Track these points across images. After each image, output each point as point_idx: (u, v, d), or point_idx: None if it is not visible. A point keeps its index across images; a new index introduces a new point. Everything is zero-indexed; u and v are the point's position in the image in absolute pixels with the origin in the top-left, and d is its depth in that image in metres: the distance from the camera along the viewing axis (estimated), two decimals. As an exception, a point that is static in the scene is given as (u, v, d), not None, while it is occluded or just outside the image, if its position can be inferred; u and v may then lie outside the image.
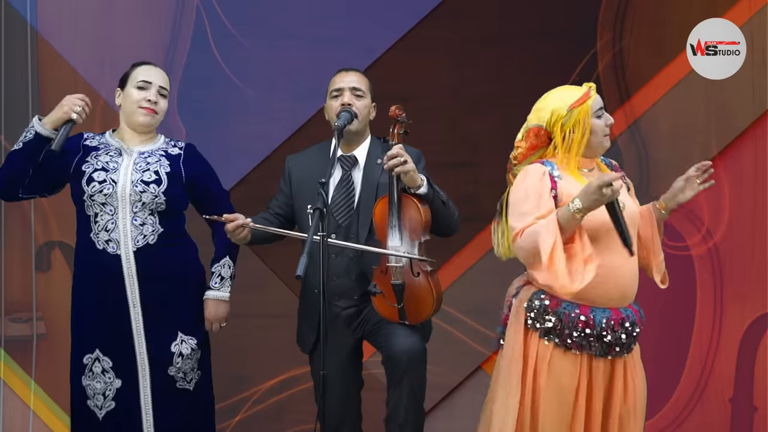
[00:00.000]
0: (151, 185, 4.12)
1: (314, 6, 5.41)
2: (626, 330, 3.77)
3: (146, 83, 4.19)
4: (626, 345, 3.78)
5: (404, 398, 4.08)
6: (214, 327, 4.27)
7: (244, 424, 5.40)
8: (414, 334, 4.12)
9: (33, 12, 5.33)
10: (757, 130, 5.36)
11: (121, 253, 4.09)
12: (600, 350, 3.76)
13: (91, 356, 4.13)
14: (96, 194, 4.09)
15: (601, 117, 3.82)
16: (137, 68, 4.24)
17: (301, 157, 4.41)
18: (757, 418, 5.36)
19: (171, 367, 4.13)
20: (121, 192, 4.09)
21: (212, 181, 4.31)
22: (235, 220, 4.09)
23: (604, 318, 3.74)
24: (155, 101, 4.19)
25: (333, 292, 4.17)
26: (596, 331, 3.74)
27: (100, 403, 4.12)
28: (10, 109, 5.33)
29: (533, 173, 3.79)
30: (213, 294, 4.26)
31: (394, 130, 4.18)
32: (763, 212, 5.34)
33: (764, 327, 5.37)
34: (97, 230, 4.10)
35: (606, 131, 3.83)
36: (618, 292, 3.76)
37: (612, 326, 3.74)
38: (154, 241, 4.12)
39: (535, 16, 5.40)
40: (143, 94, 4.17)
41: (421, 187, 4.10)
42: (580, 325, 3.73)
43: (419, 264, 4.10)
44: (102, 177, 4.11)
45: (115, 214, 4.10)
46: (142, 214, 4.11)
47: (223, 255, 4.29)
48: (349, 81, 4.29)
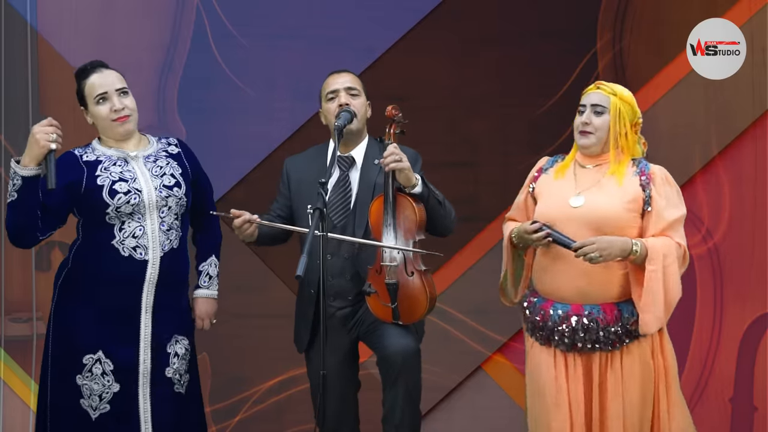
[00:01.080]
0: (173, 189, 4.09)
1: (314, 6, 5.41)
2: (584, 325, 3.81)
3: (103, 95, 4.06)
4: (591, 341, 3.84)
5: (399, 399, 4.08)
6: (205, 324, 4.25)
7: (244, 425, 5.40)
8: (408, 334, 4.12)
9: (33, 12, 5.33)
10: (757, 130, 5.36)
11: (149, 259, 4.05)
12: (564, 345, 3.87)
13: (93, 357, 4.06)
14: (123, 206, 4.03)
15: (581, 114, 3.91)
16: (87, 82, 4.10)
17: (299, 159, 4.41)
18: (757, 418, 5.36)
19: (168, 368, 4.11)
20: (148, 200, 4.04)
21: (202, 172, 4.30)
22: (242, 215, 4.09)
23: (561, 311, 3.88)
24: (121, 107, 4.07)
25: (328, 292, 4.16)
26: (552, 323, 3.87)
27: (95, 404, 4.07)
28: (10, 109, 5.32)
29: (536, 165, 4.08)
30: (203, 293, 4.24)
31: (390, 129, 4.19)
32: (763, 212, 5.34)
33: (764, 327, 5.36)
34: (123, 237, 4.04)
35: (580, 128, 3.95)
36: (573, 288, 3.87)
37: (565, 320, 3.82)
38: (177, 246, 4.11)
39: (535, 16, 5.40)
40: (107, 105, 4.06)
41: (416, 187, 4.10)
42: (540, 317, 3.91)
43: (414, 263, 4.10)
44: (125, 188, 4.04)
45: (143, 221, 4.05)
46: (169, 219, 4.08)
47: (209, 254, 4.28)
48: (343, 81, 4.29)
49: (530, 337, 3.98)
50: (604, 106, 3.92)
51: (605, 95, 3.94)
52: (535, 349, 3.95)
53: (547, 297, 3.94)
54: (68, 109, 5.22)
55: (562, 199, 3.92)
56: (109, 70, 4.12)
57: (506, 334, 5.37)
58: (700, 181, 5.40)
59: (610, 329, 3.85)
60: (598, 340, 3.85)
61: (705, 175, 5.40)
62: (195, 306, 4.23)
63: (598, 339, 3.85)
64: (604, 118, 3.92)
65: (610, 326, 3.86)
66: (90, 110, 4.10)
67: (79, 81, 4.13)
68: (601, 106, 3.92)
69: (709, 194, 5.40)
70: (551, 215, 3.90)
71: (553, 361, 3.89)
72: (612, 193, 3.89)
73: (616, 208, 3.88)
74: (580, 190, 3.91)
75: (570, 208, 3.88)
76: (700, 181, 5.40)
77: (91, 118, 4.13)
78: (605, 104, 3.92)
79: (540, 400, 3.90)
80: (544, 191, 3.99)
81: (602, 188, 3.90)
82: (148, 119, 4.23)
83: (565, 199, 3.90)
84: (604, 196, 3.89)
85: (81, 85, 4.11)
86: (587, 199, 3.88)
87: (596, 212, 3.87)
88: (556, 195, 3.94)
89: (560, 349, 3.89)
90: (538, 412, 3.91)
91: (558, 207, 3.90)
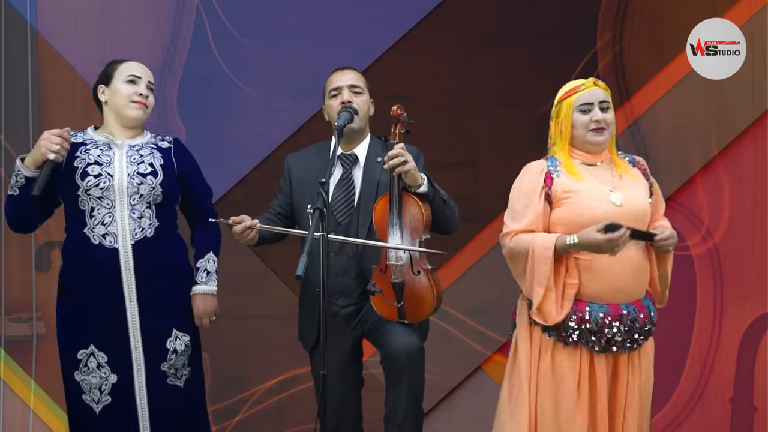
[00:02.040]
0: (147, 177, 4.10)
1: (314, 6, 5.41)
2: (626, 326, 3.77)
3: (136, 77, 4.18)
4: (628, 341, 3.79)
5: (402, 397, 4.08)
6: (204, 322, 4.25)
7: (244, 424, 5.40)
8: (412, 333, 4.12)
9: (33, 12, 5.33)
10: (757, 130, 5.36)
11: (119, 247, 4.07)
12: (600, 346, 3.77)
13: (86, 351, 4.10)
14: (92, 188, 4.06)
15: (588, 112, 3.88)
16: (123, 64, 4.22)
17: (300, 156, 4.41)
18: (757, 418, 5.36)
19: (164, 363, 4.13)
20: (118, 185, 4.08)
21: (198, 176, 4.31)
22: (242, 221, 4.09)
23: (602, 313, 3.77)
24: (146, 95, 4.18)
25: (332, 290, 4.17)
26: (593, 326, 3.76)
27: (96, 398, 4.11)
28: (10, 109, 5.32)
29: (531, 170, 3.92)
30: (201, 288, 4.24)
31: (395, 129, 4.19)
32: (763, 212, 5.34)
33: (764, 327, 5.37)
34: (93, 224, 4.07)
35: (591, 126, 3.89)
36: (609, 288, 3.79)
37: (609, 322, 3.76)
38: (152, 235, 4.11)
39: (535, 16, 5.40)
40: (134, 88, 4.16)
41: (421, 186, 4.10)
42: (576, 320, 3.77)
43: (420, 262, 4.10)
44: (96, 171, 4.08)
45: (113, 208, 4.08)
46: (140, 207, 4.10)
47: (207, 251, 4.28)
48: (346, 79, 4.30)
49: (547, 339, 3.82)
50: (608, 102, 3.92)
51: (604, 91, 3.92)
52: (556, 350, 3.81)
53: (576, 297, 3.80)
54: (68, 109, 5.24)
55: (602, 199, 3.81)
56: (146, 67, 4.25)
57: (506, 334, 5.36)
58: (700, 181, 5.40)
59: (644, 328, 3.83)
60: (635, 340, 3.81)
61: (705, 175, 5.40)
62: (193, 303, 4.23)
63: (634, 339, 3.80)
64: (611, 114, 3.91)
65: (645, 325, 3.83)
66: (112, 86, 4.18)
67: (111, 64, 4.22)
68: (607, 102, 3.91)
69: (709, 194, 5.40)
70: (599, 215, 3.75)
71: (578, 366, 3.78)
72: (635, 187, 3.88)
73: (646, 201, 3.89)
74: (610, 188, 3.84)
75: (615, 206, 3.79)
76: (700, 181, 5.40)
77: (106, 96, 4.19)
78: (608, 100, 3.92)
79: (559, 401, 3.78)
80: (570, 194, 3.83)
81: (627, 184, 3.87)
82: (149, 119, 4.24)
83: (605, 198, 3.80)
84: (634, 190, 3.87)
85: (113, 66, 4.21)
86: (625, 195, 3.82)
87: (638, 207, 3.84)
88: (593, 194, 3.82)
89: (594, 350, 3.79)
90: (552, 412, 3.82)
91: (604, 207, 3.78)
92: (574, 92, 3.91)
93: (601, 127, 3.88)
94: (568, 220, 3.80)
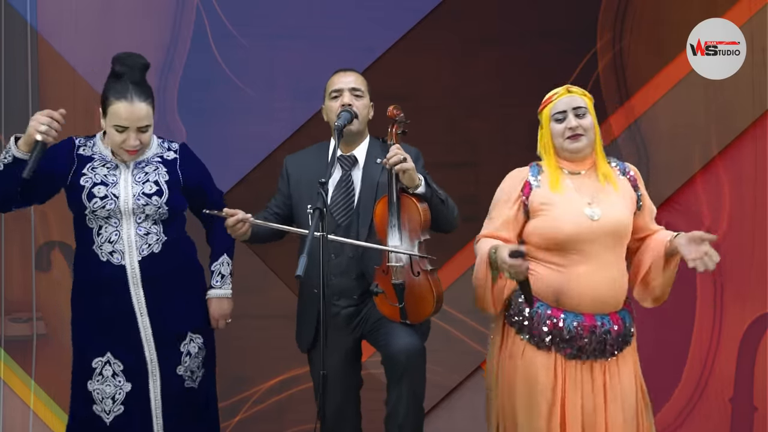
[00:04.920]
0: (153, 197, 4.08)
1: (314, 6, 5.41)
2: (597, 337, 3.79)
3: (121, 128, 4.00)
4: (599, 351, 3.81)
5: (403, 398, 4.08)
6: (220, 324, 4.27)
7: (244, 424, 5.40)
8: (413, 333, 4.12)
9: (33, 12, 5.33)
10: (757, 130, 5.36)
11: (125, 263, 4.06)
12: (570, 354, 3.81)
13: (102, 359, 4.08)
14: (98, 210, 4.04)
15: (562, 121, 3.88)
16: (113, 105, 3.99)
17: (299, 156, 4.41)
18: (757, 418, 5.36)
19: (180, 366, 4.13)
20: (124, 206, 4.05)
21: (208, 182, 4.30)
22: (235, 214, 4.09)
23: (575, 322, 3.80)
24: (135, 143, 4.03)
25: (332, 291, 4.17)
26: (566, 334, 3.79)
27: (108, 408, 4.08)
28: (10, 109, 5.32)
29: (512, 177, 3.97)
30: (216, 292, 4.26)
31: (392, 129, 4.19)
32: (763, 212, 5.34)
33: (764, 327, 5.37)
34: (101, 242, 4.06)
35: (566, 134, 3.88)
36: (588, 299, 3.80)
37: (581, 332, 3.78)
38: (159, 250, 4.10)
39: (535, 16, 5.40)
40: (122, 137, 4.01)
41: (419, 187, 4.10)
42: (549, 325, 3.80)
43: (419, 263, 4.10)
44: (103, 192, 4.05)
45: (119, 226, 4.06)
46: (146, 224, 4.09)
47: (221, 253, 4.29)
48: (348, 81, 4.30)
49: (520, 340, 3.85)
50: (585, 107, 3.89)
51: (579, 97, 3.90)
52: (528, 352, 3.83)
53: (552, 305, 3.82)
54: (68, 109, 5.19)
55: (577, 213, 3.80)
56: (140, 103, 4.00)
57: (506, 334, 5.37)
58: (700, 181, 5.40)
59: (618, 339, 3.84)
60: (606, 350, 3.82)
61: (705, 175, 5.40)
62: (209, 306, 4.25)
63: (605, 350, 3.81)
64: (588, 119, 3.88)
65: (618, 336, 3.84)
66: (105, 122, 4.06)
67: (107, 95, 4.03)
68: (583, 108, 3.88)
69: (709, 194, 5.40)
70: (569, 230, 3.77)
71: (552, 366, 3.80)
72: (617, 200, 3.86)
73: (627, 214, 3.87)
74: (589, 201, 3.84)
75: (590, 221, 3.78)
76: (700, 181, 5.40)
77: (103, 125, 4.09)
78: (584, 105, 3.89)
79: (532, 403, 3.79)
80: (546, 206, 3.84)
81: (608, 195, 3.85)
82: (149, 119, 4.24)
83: (580, 212, 3.80)
84: (613, 204, 3.84)
85: (107, 100, 4.02)
86: (602, 210, 3.81)
87: (615, 222, 3.82)
88: (567, 208, 3.81)
89: (567, 357, 3.81)
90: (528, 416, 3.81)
91: (576, 221, 3.79)
92: (548, 102, 3.91)
93: (576, 134, 3.86)
94: (542, 231, 3.83)
